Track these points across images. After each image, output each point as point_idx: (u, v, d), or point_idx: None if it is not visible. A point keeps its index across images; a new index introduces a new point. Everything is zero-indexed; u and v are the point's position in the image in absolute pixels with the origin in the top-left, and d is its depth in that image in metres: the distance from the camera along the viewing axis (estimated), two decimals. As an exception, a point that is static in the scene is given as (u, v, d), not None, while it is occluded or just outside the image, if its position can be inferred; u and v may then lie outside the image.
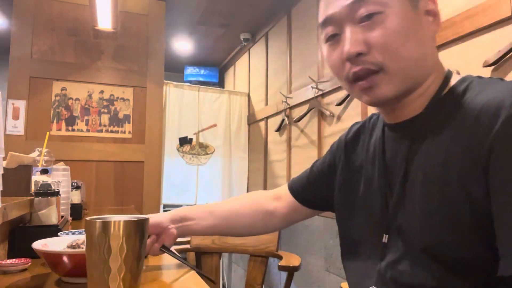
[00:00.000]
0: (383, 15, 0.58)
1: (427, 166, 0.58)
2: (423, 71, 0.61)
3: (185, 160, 3.55)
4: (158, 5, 3.18)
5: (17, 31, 2.78)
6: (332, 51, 0.63)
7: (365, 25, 0.59)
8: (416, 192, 0.58)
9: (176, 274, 0.93)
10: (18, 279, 0.87)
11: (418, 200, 0.58)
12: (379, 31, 0.58)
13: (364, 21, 0.59)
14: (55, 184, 1.20)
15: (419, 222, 0.57)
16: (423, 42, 0.60)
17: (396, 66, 0.58)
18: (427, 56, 0.61)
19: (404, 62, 0.59)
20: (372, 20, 0.58)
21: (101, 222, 0.58)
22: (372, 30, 0.58)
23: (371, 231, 0.67)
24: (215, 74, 4.68)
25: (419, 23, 0.60)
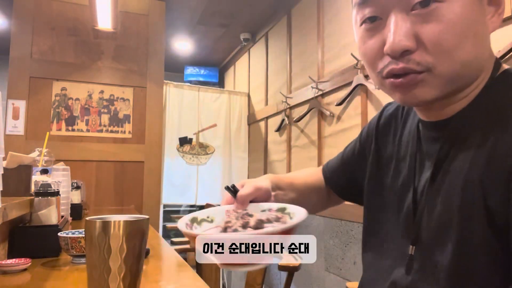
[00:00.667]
0: (444, 5, 0.47)
1: (453, 174, 0.50)
2: (474, 72, 0.51)
3: (185, 160, 3.55)
4: (158, 5, 3.18)
5: (17, 31, 2.78)
6: (369, 37, 0.53)
7: (419, 14, 0.48)
8: (437, 203, 0.52)
9: (176, 274, 0.93)
10: (18, 279, 0.87)
11: (438, 213, 0.51)
12: (435, 26, 0.47)
13: (418, 8, 0.48)
14: (55, 184, 1.20)
15: (436, 240, 0.51)
16: (482, 41, 0.50)
17: (446, 68, 0.48)
18: (483, 56, 0.51)
19: (455, 65, 0.48)
20: (429, 8, 0.47)
21: (101, 222, 0.58)
22: (427, 22, 0.47)
23: (397, 235, 0.60)
24: (215, 74, 4.68)
25: (481, 19, 0.49)
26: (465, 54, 0.48)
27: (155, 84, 3.12)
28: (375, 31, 0.52)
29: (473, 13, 0.48)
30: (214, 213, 0.61)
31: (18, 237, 1.07)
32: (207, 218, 0.60)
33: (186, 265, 1.01)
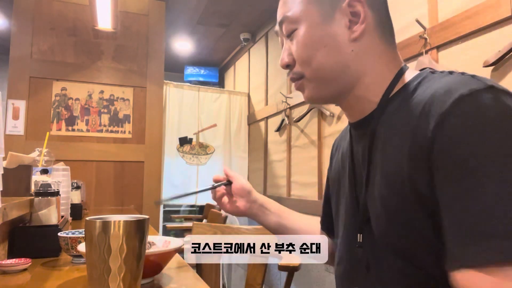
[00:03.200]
0: (297, 31, 0.64)
1: (383, 165, 0.58)
2: (345, 76, 0.63)
3: (185, 160, 3.55)
4: (158, 5, 3.18)
5: (17, 31, 2.78)
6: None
7: (291, 39, 0.66)
8: (376, 193, 0.59)
9: (176, 274, 0.93)
10: (18, 279, 0.87)
11: (378, 201, 0.58)
12: (294, 46, 0.64)
13: (289, 37, 0.66)
14: (55, 184, 1.20)
15: (380, 223, 0.58)
16: (336, 50, 0.62)
17: (311, 75, 0.64)
18: (346, 62, 0.62)
19: (317, 71, 0.63)
20: (292, 36, 0.65)
21: (101, 222, 0.58)
22: (292, 44, 0.65)
23: (350, 232, 0.67)
24: (215, 74, 4.69)
25: (332, 33, 0.62)
26: (319, 62, 0.62)
27: (155, 84, 3.12)
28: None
29: (319, 31, 0.62)
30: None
31: (18, 237, 1.07)
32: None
33: (186, 265, 1.01)
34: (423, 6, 1.69)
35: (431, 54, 1.61)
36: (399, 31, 1.82)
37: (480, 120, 0.46)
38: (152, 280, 0.86)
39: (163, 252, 0.83)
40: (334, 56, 0.62)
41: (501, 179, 0.43)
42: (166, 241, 0.95)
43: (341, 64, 0.62)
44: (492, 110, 0.46)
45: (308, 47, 0.63)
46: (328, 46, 0.62)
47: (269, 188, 3.33)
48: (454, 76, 0.55)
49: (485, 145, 0.45)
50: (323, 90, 0.65)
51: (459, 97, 0.48)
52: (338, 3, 0.62)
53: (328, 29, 0.62)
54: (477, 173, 0.44)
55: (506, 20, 1.32)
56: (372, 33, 0.62)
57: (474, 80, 0.50)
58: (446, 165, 0.47)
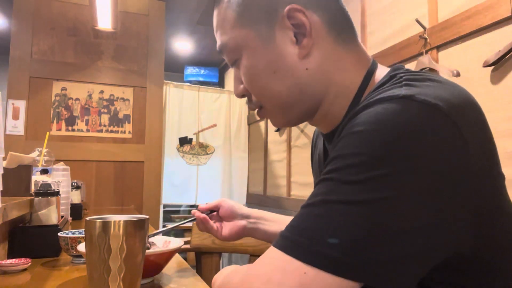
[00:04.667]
0: (240, 61, 0.57)
1: None
2: (307, 96, 0.55)
3: (185, 160, 3.55)
4: (158, 5, 3.18)
5: (17, 31, 2.78)
6: None
7: (237, 67, 0.59)
8: None
9: (176, 274, 0.93)
10: (18, 279, 0.88)
11: None
12: (243, 77, 0.57)
13: (233, 65, 0.59)
14: (55, 184, 1.20)
15: None
16: (289, 73, 0.54)
17: (268, 103, 0.57)
18: (304, 83, 0.54)
19: (274, 100, 0.56)
20: (236, 65, 0.58)
21: (101, 222, 0.58)
22: (241, 75, 0.58)
23: None
24: (215, 74, 4.68)
25: (277, 56, 0.53)
26: (273, 91, 0.55)
27: (155, 84, 3.12)
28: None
29: (263, 58, 0.54)
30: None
31: (18, 237, 1.07)
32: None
33: (186, 265, 1.01)
34: (423, 6, 1.69)
35: (431, 54, 1.61)
36: (399, 31, 1.82)
37: (363, 126, 0.41)
38: (152, 280, 0.86)
39: (163, 252, 0.84)
40: (288, 80, 0.54)
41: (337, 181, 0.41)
42: (166, 241, 0.96)
43: (299, 86, 0.54)
44: (379, 116, 0.41)
45: (256, 77, 0.55)
46: (278, 71, 0.54)
47: (269, 188, 3.33)
48: (397, 85, 0.46)
49: (345, 149, 0.42)
50: (287, 116, 0.58)
51: (367, 105, 0.44)
52: (275, 19, 0.53)
53: (273, 52, 0.53)
54: (330, 175, 0.42)
55: (506, 20, 1.32)
56: (325, 39, 0.53)
57: (403, 89, 0.43)
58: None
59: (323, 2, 0.53)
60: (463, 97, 0.43)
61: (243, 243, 1.50)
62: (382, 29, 1.95)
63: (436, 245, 0.40)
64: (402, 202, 0.38)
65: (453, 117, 0.40)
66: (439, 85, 0.44)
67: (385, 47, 1.90)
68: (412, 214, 0.39)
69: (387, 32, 1.91)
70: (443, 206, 0.39)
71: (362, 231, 0.38)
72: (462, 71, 1.45)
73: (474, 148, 0.41)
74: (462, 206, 0.41)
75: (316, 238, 0.39)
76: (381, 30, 1.96)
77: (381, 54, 1.92)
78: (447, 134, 0.39)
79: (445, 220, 0.40)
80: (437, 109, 0.40)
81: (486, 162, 0.42)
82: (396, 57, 1.81)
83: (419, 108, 0.40)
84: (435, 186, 0.39)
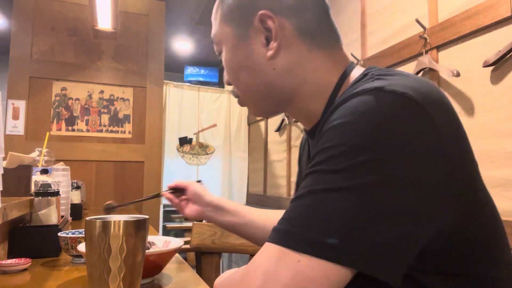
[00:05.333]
0: (222, 53, 0.64)
1: None
2: (275, 93, 0.61)
3: (185, 160, 3.55)
4: (158, 5, 3.18)
5: (17, 31, 2.78)
6: None
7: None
8: None
9: (176, 274, 0.93)
10: (18, 279, 0.88)
11: None
12: (224, 67, 0.65)
13: (219, 55, 0.66)
14: (55, 184, 1.20)
15: None
16: (258, 71, 0.60)
17: (242, 95, 0.64)
18: (271, 81, 0.60)
19: (245, 92, 0.63)
20: (221, 56, 0.65)
21: (101, 222, 0.58)
22: None
23: None
24: (215, 74, 4.68)
25: (249, 54, 0.60)
26: (243, 84, 0.62)
27: (155, 84, 3.12)
28: None
29: (238, 53, 0.61)
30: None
31: (18, 237, 1.07)
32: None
33: (186, 265, 1.01)
34: (423, 6, 1.69)
35: (431, 54, 1.61)
36: (399, 31, 1.82)
37: (341, 119, 0.44)
38: (152, 280, 0.86)
39: (163, 252, 0.84)
40: (256, 77, 0.60)
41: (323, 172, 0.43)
42: (166, 241, 0.96)
43: (266, 84, 0.60)
44: (355, 108, 0.44)
45: (231, 70, 0.63)
46: (248, 68, 0.61)
47: (269, 188, 3.33)
48: (369, 80, 0.50)
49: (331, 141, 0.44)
50: (261, 107, 0.65)
51: (343, 100, 0.47)
52: (250, 22, 0.59)
53: (245, 51, 0.60)
54: (316, 166, 0.44)
55: (506, 20, 1.32)
56: (297, 44, 0.58)
57: (374, 83, 0.46)
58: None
59: (297, 11, 0.58)
60: (430, 86, 0.46)
61: (243, 243, 1.50)
62: (382, 29, 1.95)
63: (421, 226, 0.42)
64: (385, 186, 0.40)
65: (422, 103, 0.43)
66: (407, 77, 0.48)
67: (385, 47, 1.90)
68: (396, 197, 0.40)
69: (387, 32, 1.91)
70: (423, 187, 0.41)
71: (350, 216, 0.40)
72: (462, 71, 1.45)
73: (445, 132, 0.43)
74: (442, 187, 0.43)
75: (306, 227, 0.41)
76: (381, 30, 1.96)
77: (381, 54, 1.92)
78: (417, 119, 0.42)
79: (428, 201, 0.42)
80: (406, 97, 0.43)
81: (457, 145, 0.45)
82: (396, 57, 1.81)
83: (389, 97, 0.43)
84: (413, 168, 0.41)
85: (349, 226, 0.40)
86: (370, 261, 0.40)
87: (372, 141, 0.41)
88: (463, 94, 1.48)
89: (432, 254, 0.45)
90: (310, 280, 0.39)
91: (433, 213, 0.42)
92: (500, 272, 0.48)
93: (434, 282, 0.46)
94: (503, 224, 0.51)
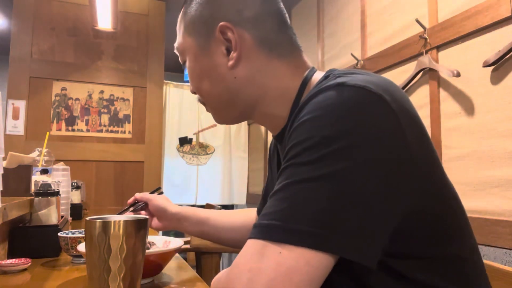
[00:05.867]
0: (187, 64, 0.66)
1: None
2: (238, 100, 0.63)
3: (185, 160, 3.55)
4: (158, 5, 3.18)
5: (17, 31, 2.78)
6: None
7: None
8: None
9: (176, 274, 0.93)
10: (18, 279, 0.88)
11: None
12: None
13: (184, 65, 0.68)
14: (55, 184, 1.20)
15: None
16: (220, 80, 0.62)
17: (206, 102, 0.67)
18: (233, 89, 0.62)
19: (208, 99, 0.66)
20: (185, 66, 0.67)
21: (101, 222, 0.58)
22: None
23: None
24: (215, 74, 4.68)
25: (211, 64, 0.62)
26: (206, 92, 0.65)
27: (155, 84, 3.12)
28: None
29: (199, 63, 0.64)
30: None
31: (18, 237, 1.07)
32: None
33: (186, 265, 1.01)
34: (423, 6, 1.69)
35: (431, 54, 1.61)
36: (399, 31, 1.82)
37: (308, 115, 0.46)
38: (152, 280, 0.86)
39: (163, 252, 0.84)
40: (219, 85, 0.63)
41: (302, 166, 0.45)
42: (166, 241, 0.96)
43: (228, 91, 0.63)
44: (320, 103, 0.46)
45: (193, 79, 0.65)
46: (210, 77, 0.63)
47: (269, 188, 3.33)
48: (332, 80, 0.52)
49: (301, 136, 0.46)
50: (224, 114, 0.67)
51: (309, 98, 0.49)
52: (211, 33, 0.62)
53: (208, 61, 0.63)
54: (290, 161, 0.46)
55: (506, 20, 1.32)
56: (257, 53, 0.61)
57: (336, 79, 0.49)
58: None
59: (256, 22, 0.61)
60: (388, 81, 0.50)
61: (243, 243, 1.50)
62: (382, 29, 1.95)
63: (390, 207, 0.44)
64: (355, 172, 0.42)
65: (382, 95, 0.46)
66: (367, 74, 0.51)
67: (385, 47, 1.90)
68: (365, 181, 0.43)
69: (387, 32, 1.91)
70: (388, 170, 0.44)
71: (325, 204, 0.42)
72: (462, 71, 1.45)
73: (403, 119, 0.46)
74: (404, 168, 0.45)
75: (285, 218, 0.42)
76: (381, 30, 1.96)
77: (381, 54, 1.92)
78: (379, 109, 0.45)
79: (393, 182, 0.44)
80: (367, 90, 0.46)
81: (414, 131, 0.47)
82: (396, 57, 1.81)
83: (352, 90, 0.46)
84: (377, 153, 0.44)
85: (325, 213, 0.41)
86: (347, 246, 0.41)
87: (338, 131, 0.43)
88: (463, 94, 1.48)
89: (401, 237, 0.47)
90: (293, 270, 0.40)
91: (399, 194, 0.45)
92: (464, 251, 0.51)
93: (404, 265, 0.48)
94: (462, 205, 0.54)
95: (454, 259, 0.50)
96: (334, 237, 0.41)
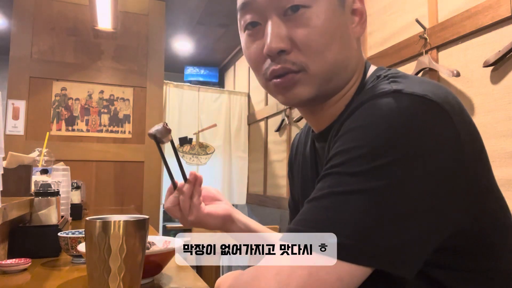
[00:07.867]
0: (310, 10, 0.51)
1: None
2: (345, 74, 0.56)
3: (185, 160, 3.55)
4: (158, 5, 3.18)
5: (17, 31, 2.78)
6: (251, 42, 0.56)
7: (291, 18, 0.52)
8: None
9: (176, 274, 0.93)
10: (18, 279, 0.88)
11: None
12: (305, 30, 0.52)
13: (290, 13, 0.52)
14: (55, 184, 1.20)
15: None
16: (348, 44, 0.55)
17: (318, 68, 0.53)
18: (351, 59, 0.56)
19: (327, 64, 0.53)
20: (298, 13, 0.52)
21: (101, 222, 0.58)
22: (298, 26, 0.52)
23: None
24: (215, 74, 4.68)
25: (345, 24, 0.55)
26: (333, 54, 0.53)
27: (155, 84, 3.12)
28: (257, 36, 0.56)
29: (337, 18, 0.53)
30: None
31: (18, 237, 1.07)
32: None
33: (186, 265, 1.01)
34: (423, 6, 1.69)
35: (431, 54, 1.61)
36: (399, 31, 1.82)
37: (360, 122, 0.44)
38: (152, 280, 0.86)
39: (163, 252, 0.84)
40: (346, 50, 0.55)
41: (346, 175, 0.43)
42: (166, 241, 0.96)
43: (347, 61, 0.55)
44: (378, 111, 0.44)
45: (326, 34, 0.52)
46: (342, 38, 0.54)
47: (269, 188, 3.33)
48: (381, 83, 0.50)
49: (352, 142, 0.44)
50: (322, 87, 0.55)
51: (361, 102, 0.47)
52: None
53: (343, 19, 0.54)
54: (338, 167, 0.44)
55: (506, 20, 1.32)
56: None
57: (391, 85, 0.47)
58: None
59: None
60: (444, 89, 0.47)
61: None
62: (382, 29, 1.95)
63: (439, 226, 0.42)
64: (404, 188, 0.40)
65: (442, 105, 0.43)
66: (420, 80, 0.48)
67: (385, 47, 1.90)
68: (415, 198, 0.41)
69: (387, 32, 1.91)
70: (442, 188, 0.42)
71: (369, 218, 0.40)
72: (462, 71, 1.45)
73: (463, 132, 0.44)
74: (459, 187, 0.43)
75: (324, 228, 0.41)
76: (381, 30, 1.96)
77: (381, 54, 1.92)
78: (438, 121, 0.43)
79: (446, 201, 0.42)
80: (426, 99, 0.43)
81: (474, 145, 0.46)
82: (396, 57, 1.81)
83: (409, 99, 0.43)
84: (433, 170, 0.41)
85: (366, 227, 0.40)
86: (391, 261, 0.40)
87: (392, 143, 0.41)
88: (463, 94, 1.48)
89: (447, 250, 0.45)
90: (323, 282, 0.39)
91: (450, 213, 0.43)
92: (510, 265, 0.49)
93: (447, 277, 0.46)
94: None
95: (502, 274, 0.48)
96: (373, 251, 0.39)
